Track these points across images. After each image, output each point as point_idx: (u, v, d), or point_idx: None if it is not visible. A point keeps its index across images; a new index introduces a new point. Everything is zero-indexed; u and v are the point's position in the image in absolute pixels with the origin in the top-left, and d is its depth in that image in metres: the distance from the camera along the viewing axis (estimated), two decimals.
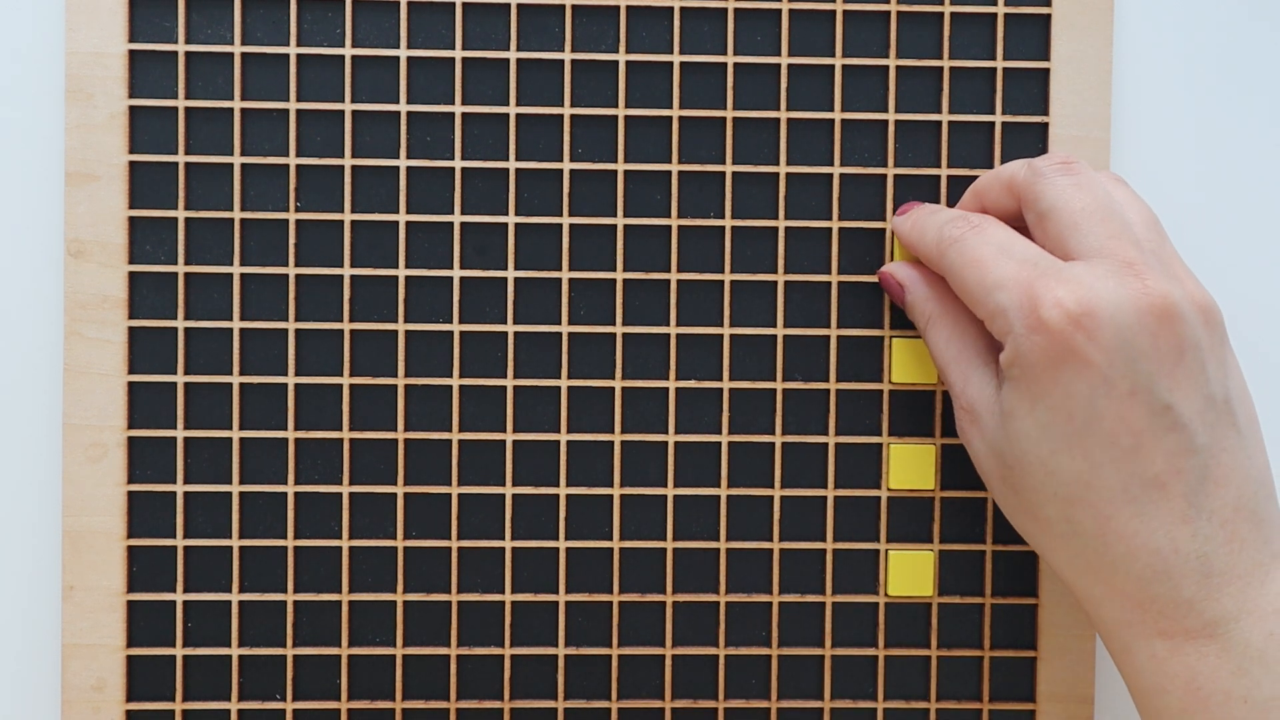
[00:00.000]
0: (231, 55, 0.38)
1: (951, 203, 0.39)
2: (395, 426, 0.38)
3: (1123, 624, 0.32)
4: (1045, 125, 0.39)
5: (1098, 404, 0.30)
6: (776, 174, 0.39)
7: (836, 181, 0.39)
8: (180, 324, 0.38)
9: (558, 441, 0.39)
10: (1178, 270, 0.32)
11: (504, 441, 0.39)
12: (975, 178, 0.39)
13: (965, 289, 0.33)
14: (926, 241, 0.36)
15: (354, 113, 0.38)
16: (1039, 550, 0.34)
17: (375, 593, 0.39)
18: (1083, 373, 0.30)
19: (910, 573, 0.39)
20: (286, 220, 0.38)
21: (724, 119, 0.39)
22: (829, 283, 0.39)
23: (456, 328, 0.38)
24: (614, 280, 0.39)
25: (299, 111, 0.38)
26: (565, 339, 0.39)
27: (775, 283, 0.39)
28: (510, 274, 0.39)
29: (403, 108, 0.38)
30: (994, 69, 0.39)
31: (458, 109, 0.38)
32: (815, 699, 0.39)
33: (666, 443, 0.39)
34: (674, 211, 0.39)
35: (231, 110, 0.38)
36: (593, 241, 0.39)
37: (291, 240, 0.38)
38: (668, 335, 0.39)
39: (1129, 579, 0.31)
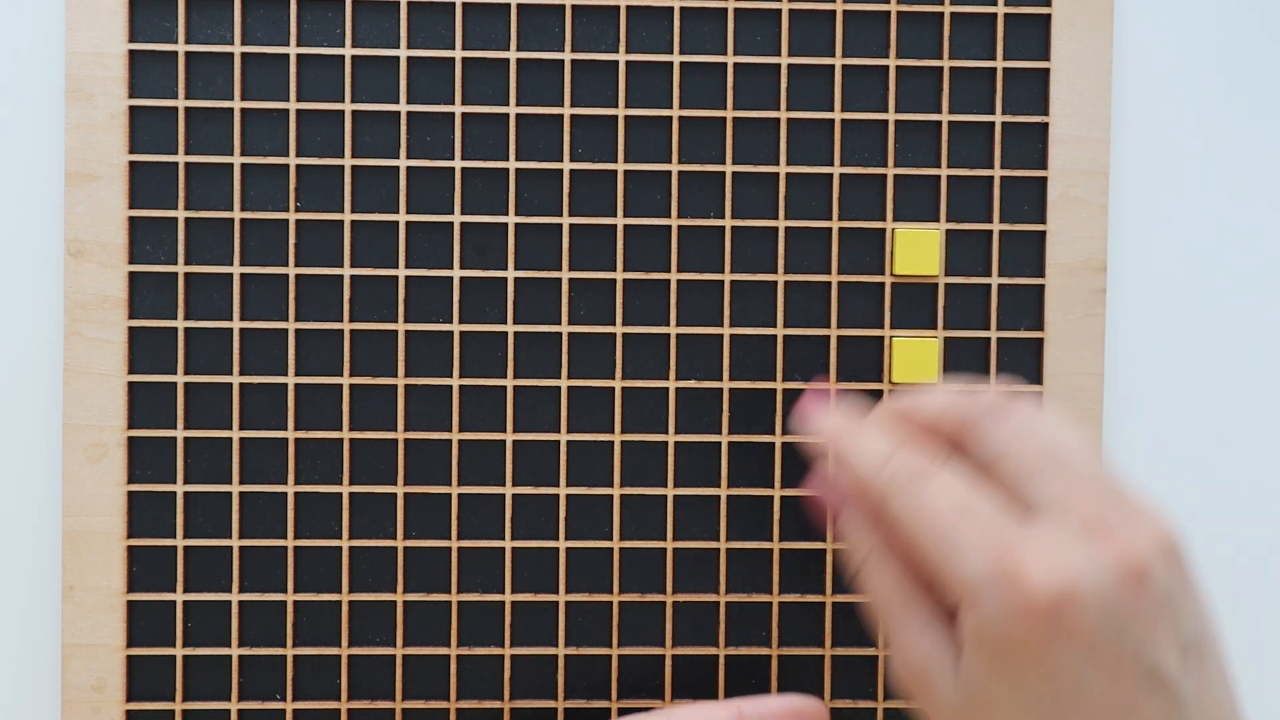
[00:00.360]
0: (231, 55, 0.38)
1: (954, 206, 0.39)
2: (395, 426, 0.38)
3: None
4: (1045, 125, 0.39)
5: (1084, 679, 0.29)
6: (776, 174, 0.39)
7: (836, 181, 0.39)
8: (180, 324, 0.38)
9: (558, 441, 0.39)
10: (1133, 504, 0.31)
11: (504, 441, 0.39)
12: (975, 178, 0.39)
13: (922, 548, 0.31)
14: (864, 471, 0.32)
15: (354, 113, 0.38)
16: None
17: (375, 593, 0.39)
18: (1068, 650, 0.29)
19: None
20: (286, 220, 0.38)
21: (724, 119, 0.39)
22: (829, 283, 0.39)
23: (456, 328, 0.38)
24: (614, 280, 0.39)
25: (299, 111, 0.38)
26: (565, 339, 0.39)
27: (775, 283, 0.39)
28: (510, 274, 0.39)
29: (403, 108, 0.38)
30: (994, 69, 0.39)
31: (458, 109, 0.38)
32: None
33: (666, 443, 0.39)
34: (674, 211, 0.39)
35: (231, 110, 0.38)
36: (593, 241, 0.39)
37: (291, 240, 0.38)
38: (668, 335, 0.39)
39: None
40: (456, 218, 0.38)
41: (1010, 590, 0.29)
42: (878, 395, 0.39)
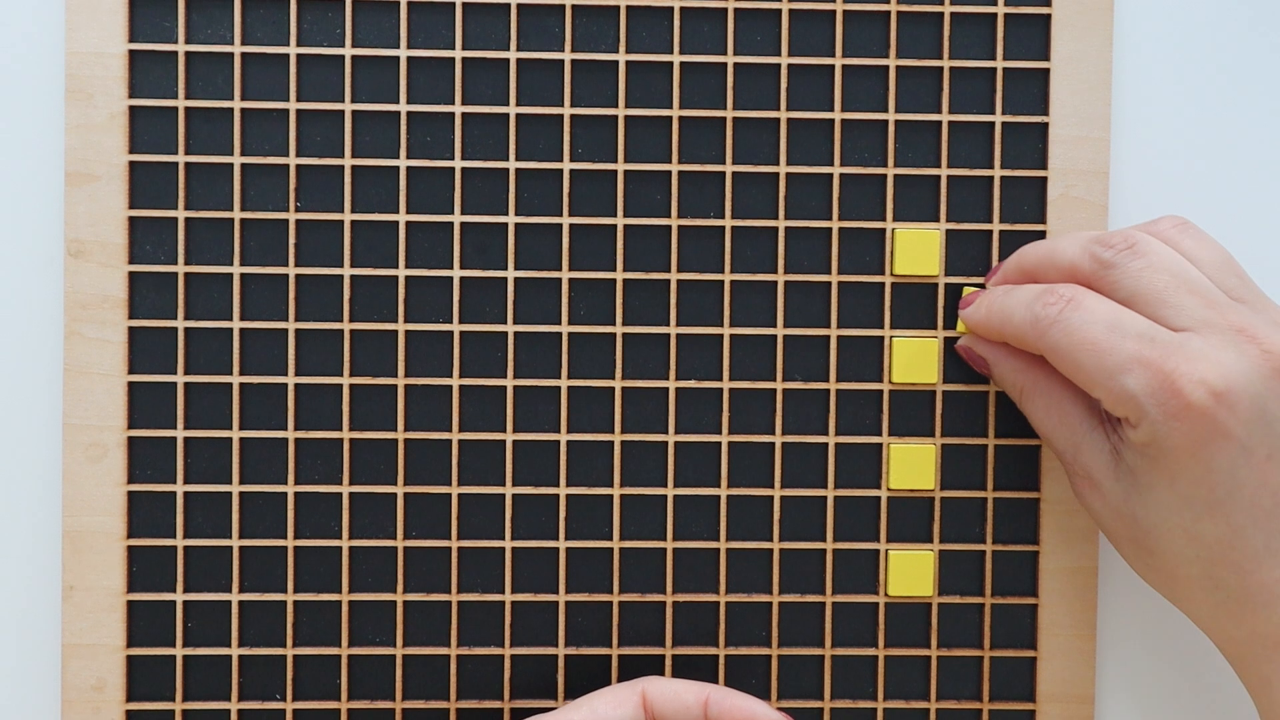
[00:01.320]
0: (231, 55, 0.38)
1: (954, 206, 0.39)
2: (395, 426, 0.38)
3: (1263, 659, 0.33)
4: (1045, 125, 0.39)
5: (1238, 473, 0.32)
6: (776, 174, 0.39)
7: (836, 181, 0.39)
8: (180, 324, 0.38)
9: (558, 441, 0.39)
10: (1270, 312, 0.33)
11: (504, 441, 0.39)
12: (975, 178, 0.39)
13: (1080, 372, 0.33)
14: (1015, 323, 0.35)
15: (354, 113, 0.38)
16: (1174, 601, 0.34)
17: (375, 593, 0.39)
18: (1225, 447, 0.31)
19: (910, 573, 0.39)
20: (286, 220, 0.38)
21: (724, 119, 0.39)
22: (829, 283, 0.39)
23: (456, 328, 0.39)
24: (614, 280, 0.39)
25: (299, 111, 0.38)
26: (565, 339, 0.39)
27: (775, 283, 0.39)
28: (510, 274, 0.39)
29: (403, 108, 0.38)
30: (994, 69, 0.39)
31: (458, 109, 0.38)
32: (815, 699, 0.39)
33: (666, 443, 0.39)
34: (674, 211, 0.39)
35: (231, 110, 0.38)
36: (593, 241, 0.39)
37: (291, 240, 0.38)
38: (668, 335, 0.39)
39: (1270, 623, 0.32)
40: (456, 218, 0.38)
41: (1170, 396, 0.31)
42: (878, 395, 0.39)
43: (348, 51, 0.38)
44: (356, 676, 0.39)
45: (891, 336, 0.39)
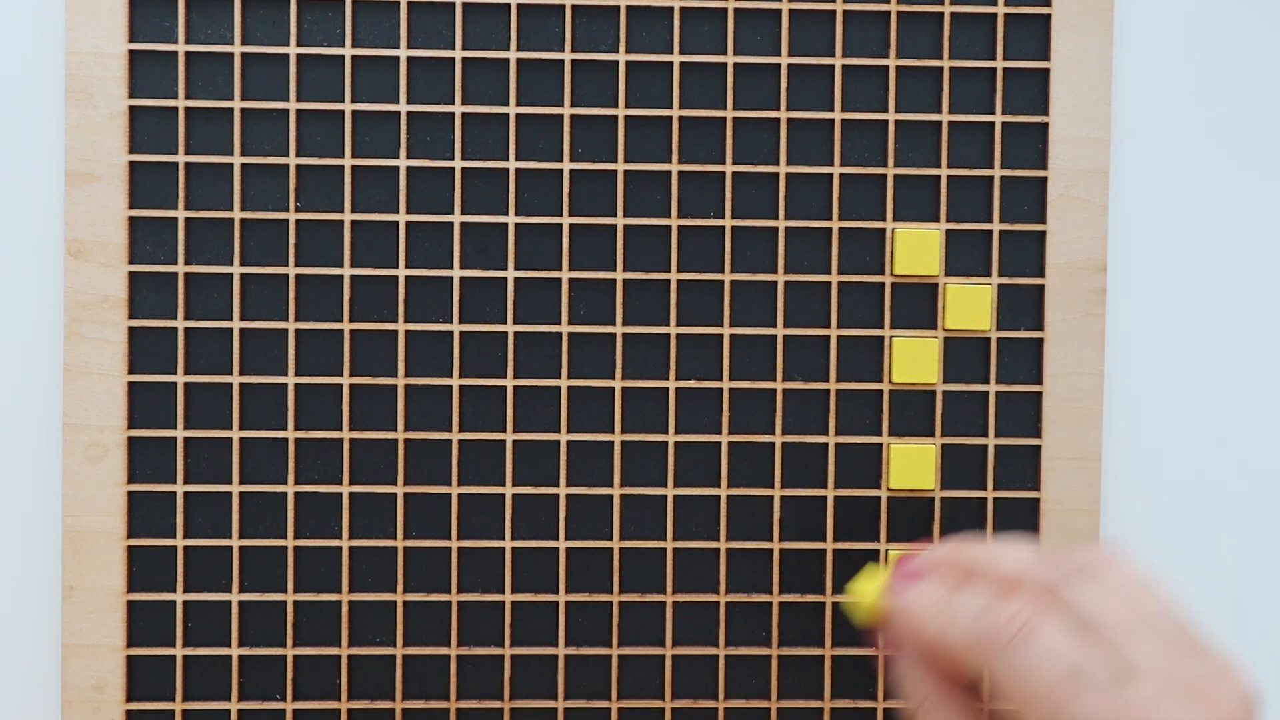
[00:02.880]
0: (231, 55, 0.38)
1: (954, 206, 0.39)
2: (395, 426, 0.38)
3: None
4: (1045, 125, 0.39)
5: None
6: (776, 174, 0.39)
7: (836, 181, 0.39)
8: (180, 324, 0.38)
9: (558, 441, 0.39)
10: (1216, 662, 0.32)
11: (504, 441, 0.39)
12: (975, 178, 0.39)
13: (1032, 713, 0.30)
14: (958, 634, 0.32)
15: (354, 113, 0.38)
16: None
17: (375, 593, 0.39)
18: None
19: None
20: (286, 220, 0.38)
21: (724, 119, 0.39)
22: (829, 283, 0.39)
23: (456, 328, 0.38)
24: (614, 280, 0.39)
25: (299, 111, 0.38)
26: (565, 339, 0.39)
27: (775, 283, 0.39)
28: (510, 274, 0.39)
29: (403, 108, 0.38)
30: (994, 69, 0.39)
31: (458, 109, 0.38)
32: (815, 699, 0.39)
33: (666, 443, 0.39)
34: (674, 211, 0.39)
35: (231, 110, 0.38)
36: (593, 241, 0.39)
37: (291, 240, 0.38)
38: (668, 335, 0.39)
39: None
40: (456, 218, 0.38)
41: None
42: (878, 395, 0.39)
43: (348, 51, 0.38)
44: (356, 676, 0.39)
45: (891, 336, 0.39)
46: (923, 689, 0.33)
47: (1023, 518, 0.39)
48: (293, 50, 0.38)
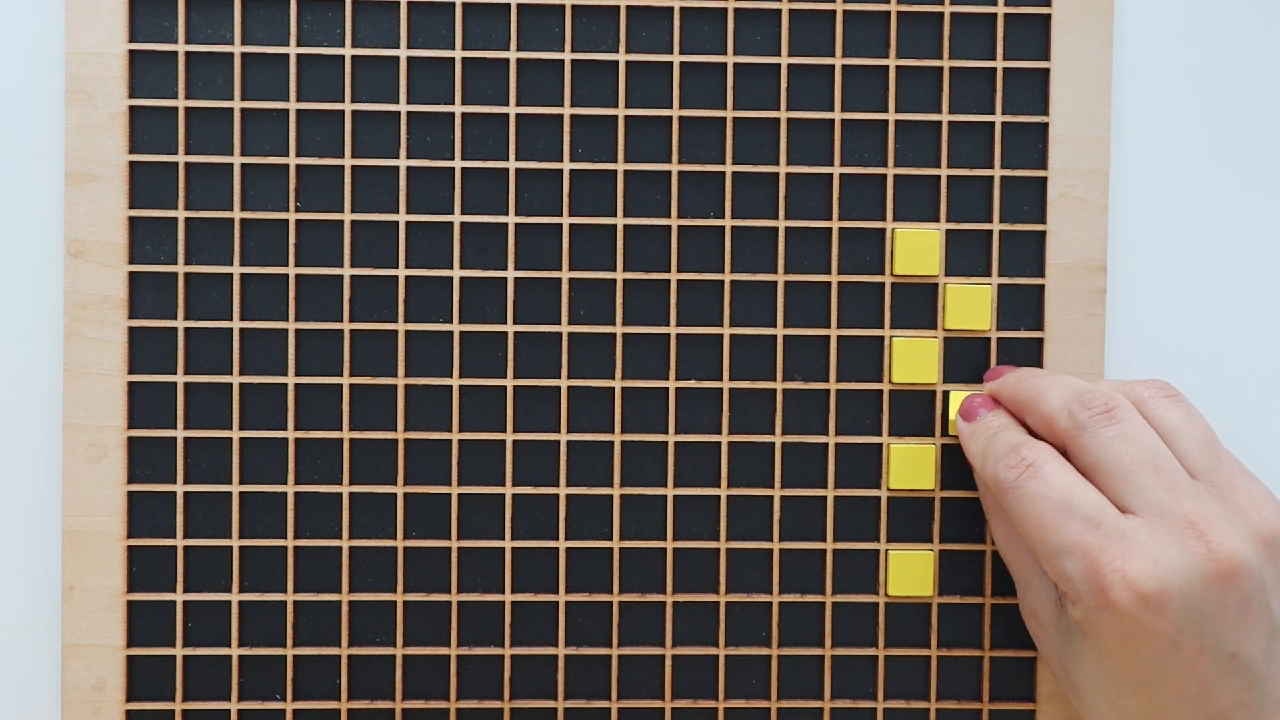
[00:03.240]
0: (231, 55, 0.38)
1: (954, 206, 0.39)
2: (395, 426, 0.38)
3: None
4: (1045, 125, 0.39)
5: (1165, 663, 0.32)
6: (776, 174, 0.39)
7: (836, 181, 0.39)
8: (180, 324, 0.38)
9: (558, 441, 0.39)
10: (1238, 497, 0.33)
11: (504, 441, 0.39)
12: (975, 178, 0.39)
13: (1028, 540, 0.34)
14: (985, 471, 0.35)
15: (354, 113, 0.38)
16: None
17: (375, 593, 0.39)
18: (1152, 641, 0.31)
19: (910, 573, 0.39)
20: (286, 220, 0.38)
21: (724, 119, 0.39)
22: (829, 283, 0.39)
23: (456, 328, 0.39)
24: (614, 280, 0.39)
25: (299, 111, 0.38)
26: (565, 339, 0.39)
27: (775, 283, 0.39)
28: (510, 274, 0.39)
29: (403, 108, 0.38)
30: (994, 69, 0.39)
31: (458, 109, 0.38)
32: (815, 699, 0.39)
33: (666, 443, 0.39)
34: (674, 211, 0.39)
35: (231, 110, 0.38)
36: (593, 241, 0.39)
37: (291, 240, 0.38)
38: (668, 335, 0.39)
39: None
40: (456, 218, 0.38)
41: (1099, 590, 0.31)
42: (878, 395, 0.39)
43: (348, 51, 0.38)
44: (356, 676, 0.39)
45: (891, 336, 0.39)
46: (989, 498, 0.37)
47: None
48: (293, 50, 0.38)
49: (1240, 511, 0.32)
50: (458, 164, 0.38)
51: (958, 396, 0.38)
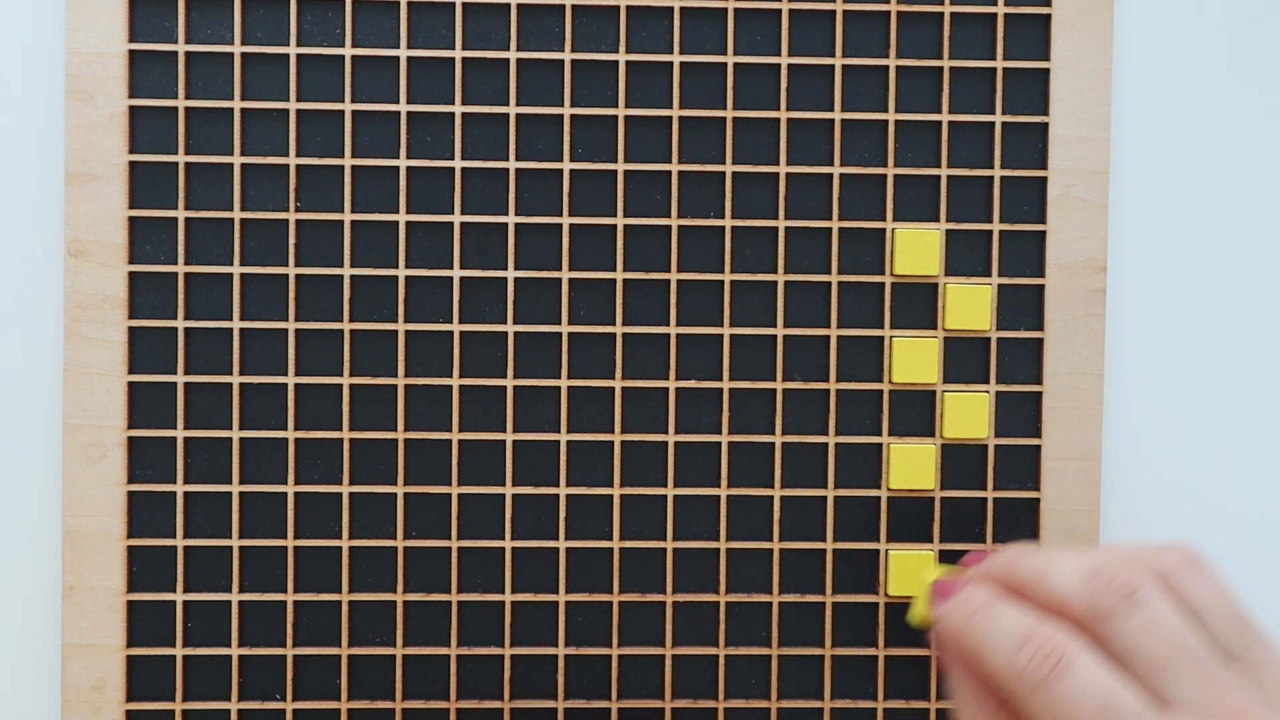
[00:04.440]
0: (231, 55, 0.38)
1: (954, 206, 0.39)
2: (395, 426, 0.38)
3: None
4: (1045, 125, 0.39)
5: None
6: (776, 174, 0.39)
7: (836, 181, 0.39)
8: (180, 324, 0.38)
9: (558, 441, 0.39)
10: (1270, 670, 0.32)
11: (504, 441, 0.39)
12: (975, 178, 0.39)
13: None
14: (994, 664, 0.31)
15: (354, 113, 0.38)
16: None
17: (375, 593, 0.39)
18: None
19: (910, 572, 0.39)
20: (286, 220, 0.38)
21: (724, 119, 0.39)
22: (829, 283, 0.39)
23: (456, 328, 0.39)
24: (614, 280, 0.39)
25: (299, 111, 0.38)
26: (565, 339, 0.39)
27: (775, 283, 0.39)
28: (510, 274, 0.39)
29: (403, 108, 0.38)
30: (994, 69, 0.39)
31: (458, 109, 0.38)
32: (815, 699, 0.39)
33: (666, 443, 0.39)
34: (674, 211, 0.39)
35: (231, 110, 0.38)
36: (593, 241, 0.39)
37: (291, 240, 0.38)
38: (668, 335, 0.39)
39: None
40: (456, 218, 0.38)
41: None
42: (878, 395, 0.39)
43: (348, 51, 0.38)
44: (356, 676, 0.39)
45: (891, 336, 0.39)
46: (968, 698, 0.33)
47: (1023, 518, 0.39)
48: (293, 50, 0.38)
49: (1275, 693, 0.32)
50: (458, 164, 0.38)
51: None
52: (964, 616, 0.32)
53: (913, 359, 0.39)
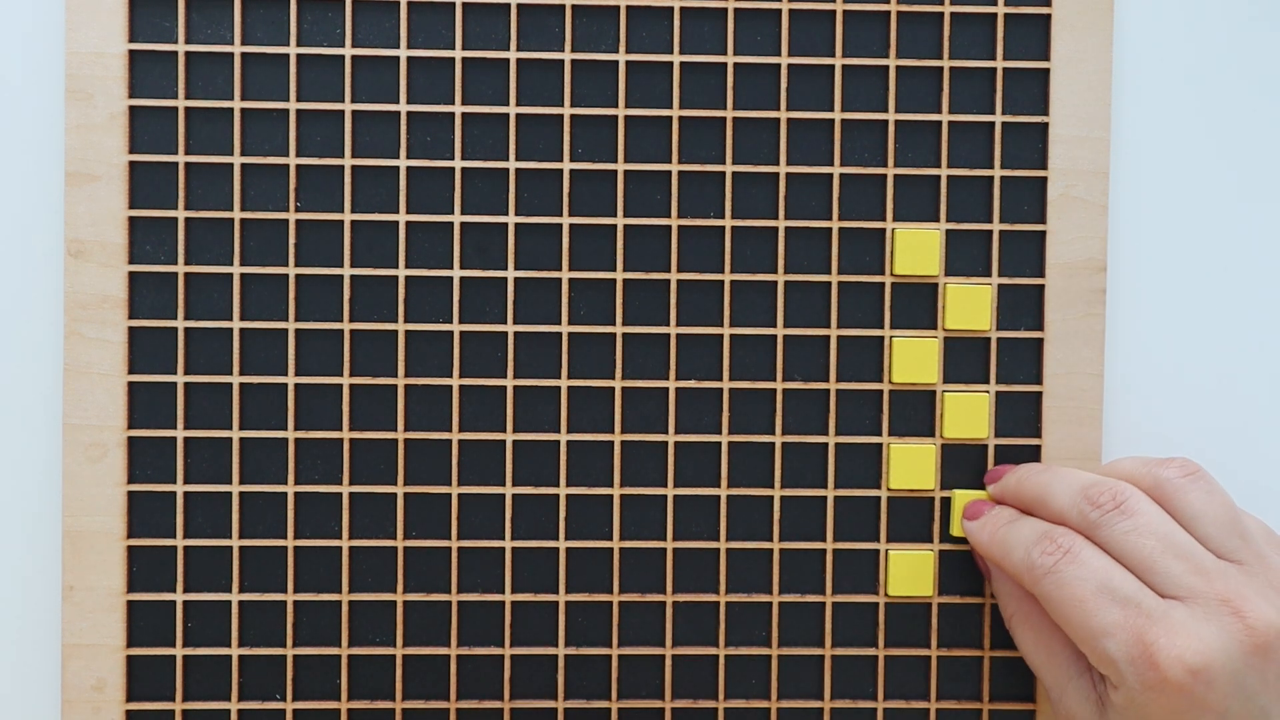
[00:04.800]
0: (231, 55, 0.38)
1: (954, 206, 0.39)
2: (395, 426, 0.38)
3: None
4: (1045, 125, 0.39)
5: None
6: (776, 174, 0.39)
7: (836, 181, 0.39)
8: (180, 324, 0.38)
9: (558, 441, 0.39)
10: (1268, 573, 0.33)
11: (504, 441, 0.39)
12: (975, 178, 0.39)
13: (1068, 626, 0.34)
14: (1013, 562, 0.35)
15: (354, 113, 0.38)
16: None
17: (375, 593, 0.39)
18: (1202, 716, 0.32)
19: (910, 573, 0.39)
20: (286, 220, 0.38)
21: (724, 119, 0.39)
22: (829, 283, 0.39)
23: (456, 328, 0.39)
24: (614, 280, 0.39)
25: (299, 111, 0.38)
26: (565, 339, 0.39)
27: (775, 283, 0.39)
28: (510, 274, 0.39)
29: (403, 108, 0.38)
30: (994, 69, 0.39)
31: (458, 109, 0.38)
32: (815, 699, 0.39)
33: (666, 443, 0.39)
34: (674, 211, 0.39)
35: (231, 110, 0.38)
36: (593, 241, 0.39)
37: (291, 240, 0.38)
38: (668, 335, 0.39)
39: None
40: (456, 218, 0.38)
41: (1148, 669, 0.32)
42: (878, 395, 0.39)
43: (348, 51, 0.38)
44: (356, 676, 0.39)
45: (891, 336, 0.39)
46: (1011, 605, 0.37)
47: None
48: (293, 50, 0.38)
49: (1273, 585, 0.33)
50: (458, 164, 0.38)
51: (960, 498, 0.39)
52: (990, 532, 0.37)
53: (913, 359, 0.39)
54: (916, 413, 0.39)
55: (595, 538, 0.39)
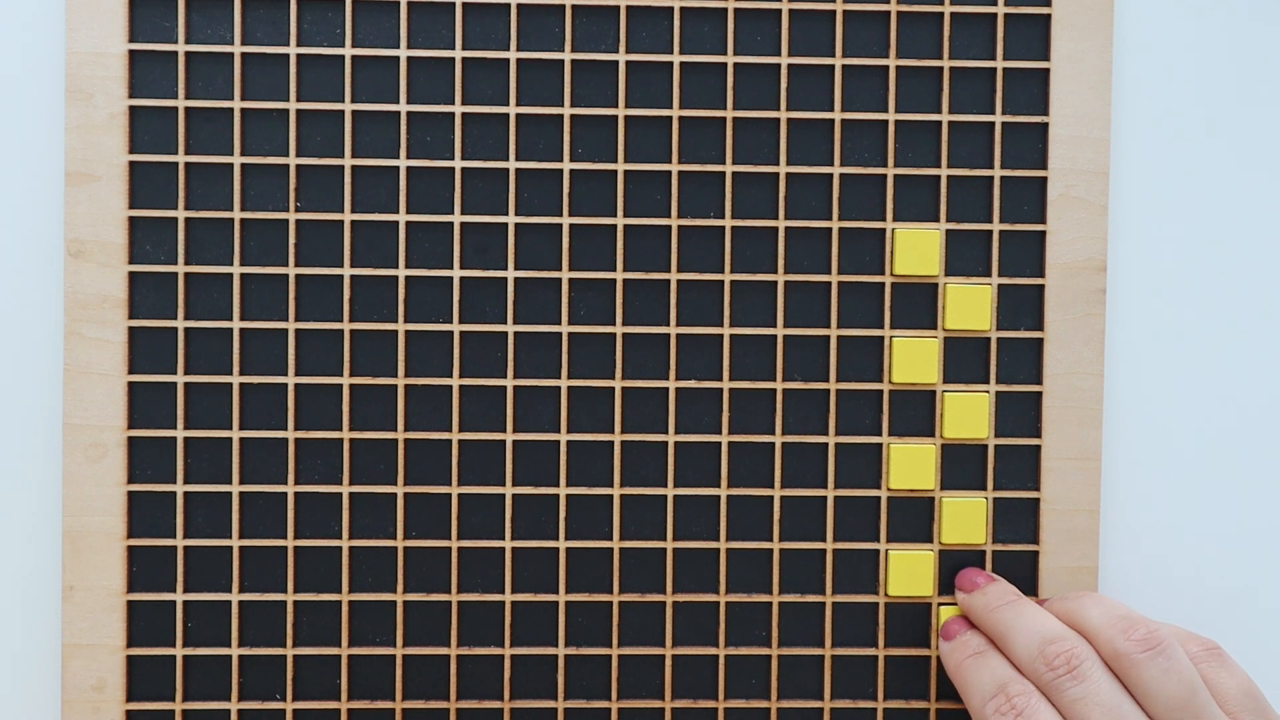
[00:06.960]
0: (231, 55, 0.38)
1: (954, 206, 0.39)
2: (395, 426, 0.38)
3: None
4: (1045, 125, 0.39)
5: None
6: (776, 174, 0.39)
7: (836, 181, 0.39)
8: (180, 324, 0.38)
9: (558, 441, 0.39)
10: None
11: (504, 441, 0.39)
12: (975, 178, 0.39)
13: None
14: (971, 706, 0.36)
15: (354, 113, 0.38)
16: None
17: (375, 593, 0.39)
18: None
19: (910, 573, 0.39)
20: (286, 220, 0.38)
21: (724, 119, 0.39)
22: (829, 283, 0.39)
23: (456, 328, 0.39)
24: (614, 280, 0.39)
25: (299, 111, 0.38)
26: (565, 339, 0.39)
27: (775, 283, 0.39)
28: (510, 274, 0.39)
29: (403, 108, 0.38)
30: (994, 69, 0.39)
31: (458, 109, 0.38)
32: (815, 699, 0.39)
33: (666, 443, 0.39)
34: (674, 211, 0.39)
35: (231, 110, 0.38)
36: (593, 241, 0.39)
37: (291, 240, 0.38)
38: (668, 335, 0.39)
39: None
40: (456, 218, 0.38)
41: None
42: (878, 395, 0.39)
43: (348, 51, 0.38)
44: (356, 676, 0.39)
45: (891, 336, 0.39)
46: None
47: (1023, 518, 0.39)
48: (293, 50, 0.38)
49: None
50: (458, 164, 0.38)
51: (946, 614, 0.39)
52: (957, 662, 0.37)
53: (913, 359, 0.39)
54: (916, 413, 0.39)
55: (595, 538, 0.39)
